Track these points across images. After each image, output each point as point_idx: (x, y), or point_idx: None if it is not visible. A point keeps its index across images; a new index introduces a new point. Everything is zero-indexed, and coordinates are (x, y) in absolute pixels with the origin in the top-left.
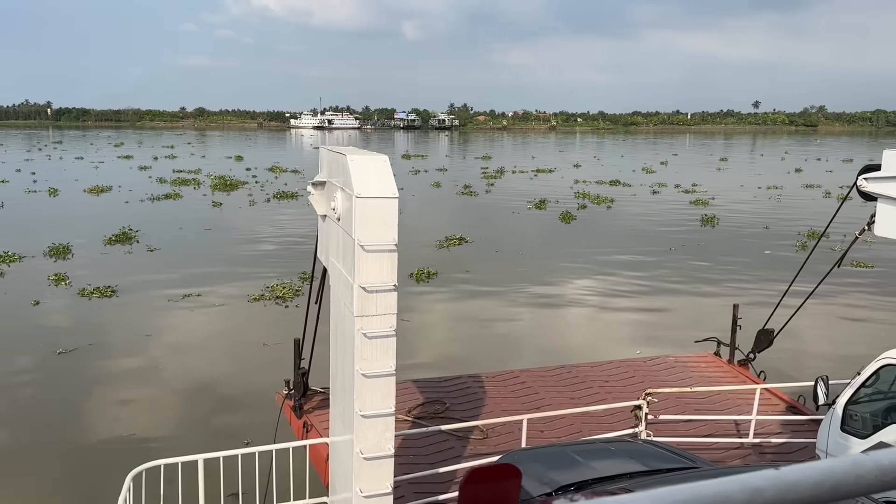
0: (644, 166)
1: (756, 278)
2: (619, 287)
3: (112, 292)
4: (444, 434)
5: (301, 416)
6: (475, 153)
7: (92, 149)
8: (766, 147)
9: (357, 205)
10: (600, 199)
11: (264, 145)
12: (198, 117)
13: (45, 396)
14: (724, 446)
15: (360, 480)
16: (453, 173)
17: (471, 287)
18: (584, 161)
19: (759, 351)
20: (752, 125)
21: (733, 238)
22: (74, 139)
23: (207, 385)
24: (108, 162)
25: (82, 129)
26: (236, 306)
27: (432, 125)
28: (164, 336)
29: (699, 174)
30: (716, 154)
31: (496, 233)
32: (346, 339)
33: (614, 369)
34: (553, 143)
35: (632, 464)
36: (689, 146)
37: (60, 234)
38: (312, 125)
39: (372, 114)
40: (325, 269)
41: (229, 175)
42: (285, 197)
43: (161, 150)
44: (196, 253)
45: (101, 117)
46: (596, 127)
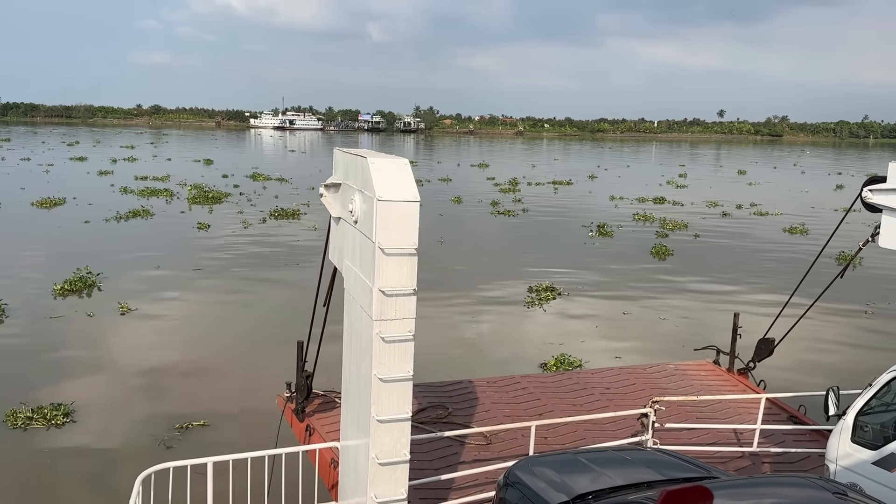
0: (669, 180)
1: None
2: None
3: (63, 419)
4: (448, 439)
5: (303, 419)
6: (464, 160)
7: (43, 147)
8: (759, 157)
9: (378, 208)
10: (675, 225)
11: (230, 146)
12: (153, 115)
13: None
14: (728, 455)
15: (374, 486)
16: (460, 184)
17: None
18: (591, 170)
19: (760, 360)
20: (718, 134)
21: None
22: (23, 136)
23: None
24: (59, 164)
25: (31, 125)
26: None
27: (397, 127)
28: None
29: (739, 189)
30: (725, 166)
31: (588, 279)
32: (362, 343)
33: (615, 376)
34: (536, 149)
35: (648, 472)
36: (685, 155)
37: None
38: (273, 125)
39: (336, 115)
40: (336, 271)
41: (206, 184)
42: (284, 215)
43: (120, 151)
44: (194, 320)
45: (52, 113)
46: (563, 133)
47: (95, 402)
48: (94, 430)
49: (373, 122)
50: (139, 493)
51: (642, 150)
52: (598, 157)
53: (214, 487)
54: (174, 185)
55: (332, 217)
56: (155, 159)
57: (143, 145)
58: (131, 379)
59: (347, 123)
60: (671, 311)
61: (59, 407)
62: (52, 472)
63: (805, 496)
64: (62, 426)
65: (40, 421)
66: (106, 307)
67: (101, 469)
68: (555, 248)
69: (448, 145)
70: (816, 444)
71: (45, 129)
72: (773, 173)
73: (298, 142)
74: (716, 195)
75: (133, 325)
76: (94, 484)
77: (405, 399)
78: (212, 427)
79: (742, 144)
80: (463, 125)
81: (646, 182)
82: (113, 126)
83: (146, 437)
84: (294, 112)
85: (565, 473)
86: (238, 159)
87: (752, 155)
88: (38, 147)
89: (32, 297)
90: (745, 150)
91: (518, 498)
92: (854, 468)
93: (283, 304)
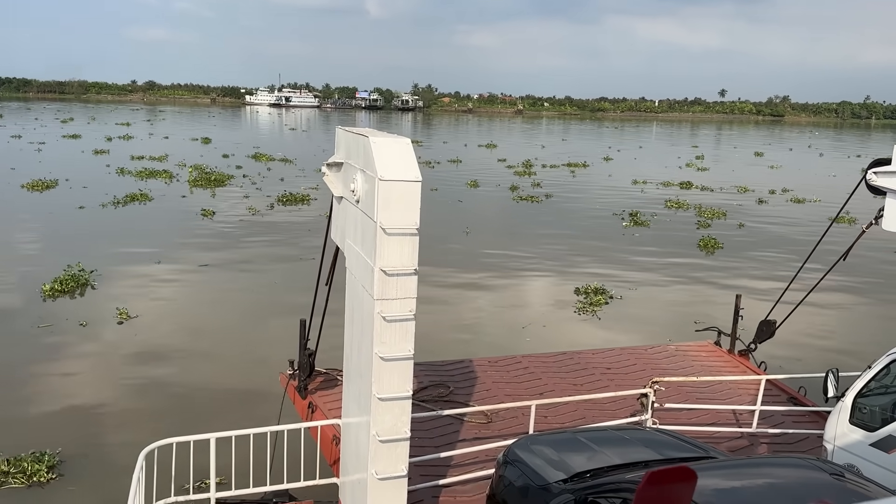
0: (688, 162)
1: None
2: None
3: (48, 474)
4: (449, 417)
5: (306, 396)
6: (470, 140)
7: (35, 124)
8: (768, 138)
9: (380, 187)
10: (712, 213)
11: (228, 124)
12: (148, 91)
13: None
14: (727, 436)
15: (375, 462)
16: (471, 167)
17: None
18: (603, 152)
19: (761, 342)
20: (719, 113)
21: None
22: (16, 112)
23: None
24: (52, 142)
25: (24, 100)
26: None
27: (395, 105)
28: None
29: (762, 173)
30: (739, 147)
31: (637, 277)
32: (363, 322)
33: (616, 357)
34: (538, 128)
35: (646, 452)
36: (693, 136)
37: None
38: (269, 102)
39: (333, 92)
40: (338, 250)
41: (206, 165)
42: (293, 201)
43: (115, 129)
44: (201, 332)
45: (45, 89)
46: (563, 112)
47: (88, 449)
48: (88, 490)
49: (370, 100)
50: (142, 467)
51: (644, 130)
52: (606, 138)
53: (217, 463)
54: (173, 165)
55: (334, 196)
56: (151, 137)
57: (138, 122)
58: (132, 417)
59: (345, 101)
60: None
61: (43, 457)
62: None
63: (802, 477)
64: (46, 484)
65: (18, 477)
66: (102, 313)
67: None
68: (590, 239)
69: (448, 124)
70: (815, 425)
71: (38, 105)
72: (791, 156)
73: (296, 119)
74: (742, 179)
75: (133, 338)
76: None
77: (406, 378)
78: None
79: (744, 125)
80: (462, 103)
81: (664, 164)
82: (107, 102)
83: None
84: (290, 89)
85: (564, 452)
86: (237, 138)
87: (759, 136)
88: (30, 124)
89: (19, 299)
90: (748, 131)
91: (517, 476)
92: (852, 449)
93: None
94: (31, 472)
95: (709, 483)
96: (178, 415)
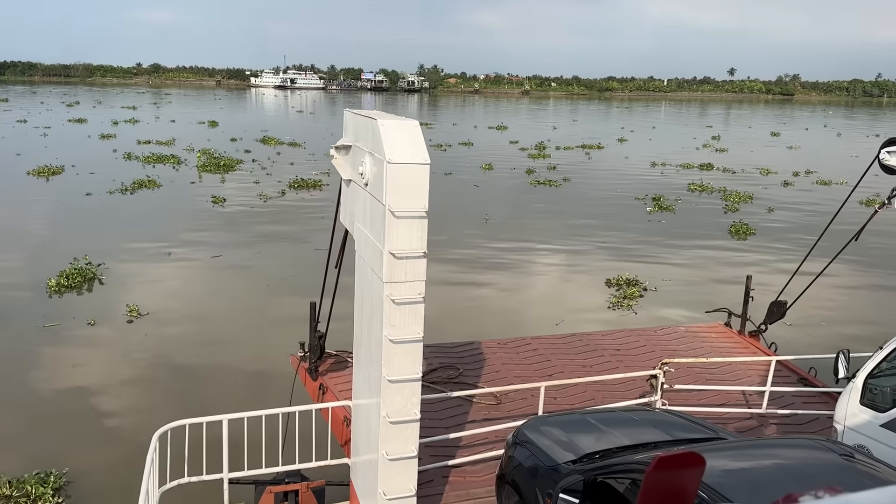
0: (705, 143)
1: None
2: None
3: (54, 498)
4: (459, 399)
5: (317, 378)
6: (479, 121)
7: (41, 108)
8: (781, 117)
9: (388, 170)
10: (738, 197)
11: (234, 107)
12: (153, 74)
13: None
14: (737, 416)
15: (385, 443)
16: (483, 149)
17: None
18: (616, 133)
19: (772, 322)
20: (728, 93)
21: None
22: (21, 96)
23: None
24: (57, 127)
25: (29, 84)
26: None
27: (401, 87)
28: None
29: (781, 153)
30: (754, 126)
31: (670, 267)
32: (373, 305)
33: (625, 338)
34: (546, 108)
35: (655, 433)
36: (708, 115)
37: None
38: (274, 84)
39: (338, 73)
40: (347, 233)
41: (214, 149)
42: (304, 186)
43: (121, 113)
44: (217, 327)
45: (50, 72)
46: (570, 92)
47: (98, 468)
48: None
49: (376, 82)
50: (156, 448)
51: (654, 110)
52: (616, 118)
53: (229, 444)
54: (180, 150)
55: (342, 179)
56: (158, 121)
57: (144, 106)
58: (143, 429)
59: (350, 82)
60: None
61: (48, 478)
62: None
63: (812, 457)
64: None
65: (21, 502)
66: (110, 310)
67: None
68: (614, 226)
69: (455, 105)
70: (825, 406)
71: (43, 89)
72: (808, 136)
73: (302, 101)
74: (762, 161)
75: (144, 341)
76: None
77: (415, 360)
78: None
79: (754, 103)
80: (468, 84)
81: (681, 145)
82: (112, 85)
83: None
84: (295, 70)
85: (573, 433)
86: (244, 121)
87: (771, 115)
88: (35, 108)
89: (24, 295)
90: (759, 110)
91: (526, 456)
92: (862, 430)
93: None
94: (36, 496)
95: (718, 464)
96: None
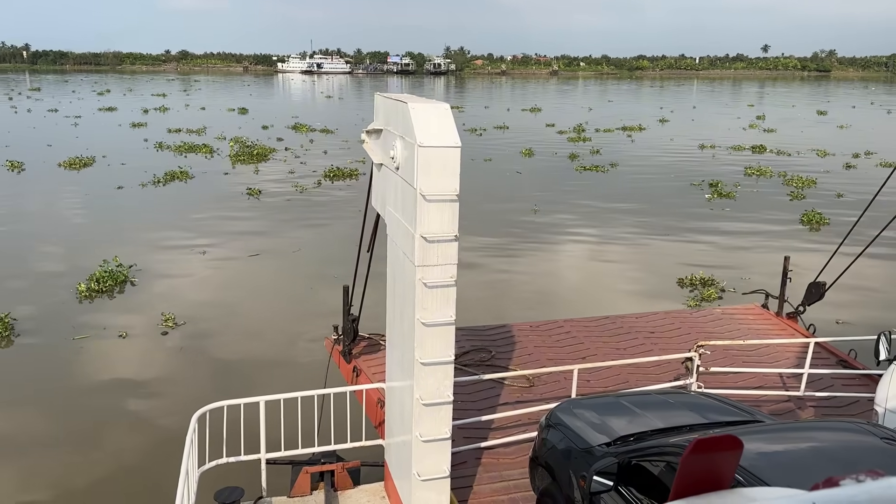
0: (751, 123)
1: None
2: None
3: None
4: (491, 381)
5: (350, 360)
6: (512, 104)
7: (72, 97)
8: (822, 95)
9: (419, 154)
10: (800, 181)
11: (262, 93)
12: (181, 61)
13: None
14: (774, 399)
15: (419, 425)
16: (519, 133)
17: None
18: (654, 113)
19: (810, 304)
20: (762, 70)
21: None
22: (54, 85)
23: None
24: (88, 116)
25: (61, 73)
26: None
27: (427, 70)
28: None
29: (832, 133)
30: (798, 105)
31: (745, 265)
32: (405, 288)
33: (660, 321)
34: (576, 89)
35: (690, 416)
36: (746, 94)
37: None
38: (300, 69)
39: (364, 57)
40: (378, 217)
41: (246, 137)
42: (340, 176)
43: (151, 100)
44: (259, 337)
45: (80, 60)
46: (600, 72)
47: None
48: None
49: (402, 65)
50: (195, 429)
51: (686, 89)
52: (651, 97)
53: (267, 424)
54: (212, 138)
55: (373, 163)
56: (188, 108)
57: (174, 93)
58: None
59: (376, 66)
60: (833, 293)
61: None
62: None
63: (852, 441)
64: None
65: None
66: (144, 319)
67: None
68: (673, 216)
69: (482, 87)
70: (866, 388)
71: (74, 77)
72: (856, 113)
73: (329, 86)
74: (815, 142)
75: (180, 356)
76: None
77: (448, 343)
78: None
79: (789, 81)
80: (495, 66)
81: (726, 126)
82: (142, 73)
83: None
84: (322, 55)
85: (607, 415)
86: (273, 107)
87: (811, 92)
88: (66, 97)
89: (52, 301)
90: (796, 87)
91: (560, 439)
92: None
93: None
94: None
95: (755, 446)
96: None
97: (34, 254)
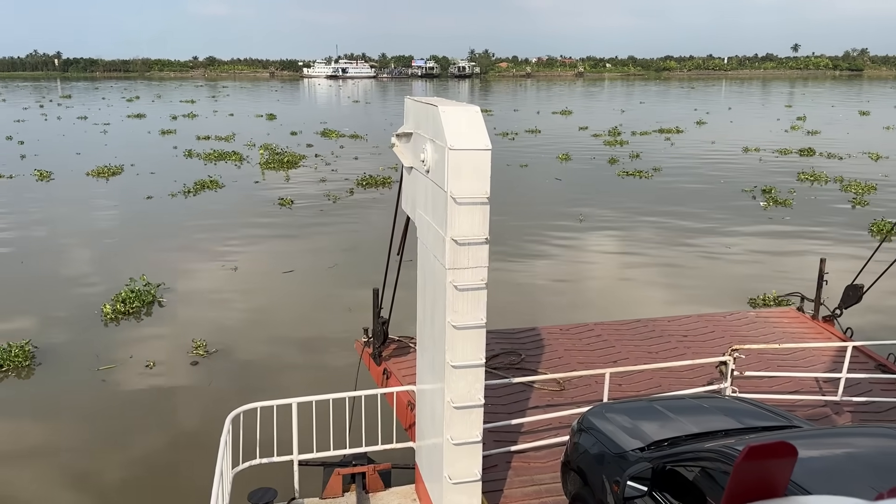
0: (793, 125)
1: None
2: None
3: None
4: (521, 385)
5: (380, 363)
6: (541, 107)
7: (101, 104)
8: (859, 94)
9: (450, 157)
10: (859, 187)
11: (289, 98)
12: (208, 67)
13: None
14: (811, 404)
15: (450, 428)
16: (552, 137)
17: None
18: (689, 114)
19: (847, 307)
20: (792, 70)
21: None
22: (85, 92)
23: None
24: (116, 123)
25: (91, 80)
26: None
27: (451, 73)
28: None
29: (880, 135)
30: (837, 105)
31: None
32: (436, 291)
33: (693, 324)
34: (603, 91)
35: (726, 420)
36: (780, 94)
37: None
38: (326, 74)
39: (388, 61)
40: (409, 220)
41: (275, 144)
42: (373, 183)
43: (179, 107)
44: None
45: (110, 67)
46: (626, 73)
47: None
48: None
49: (426, 68)
50: (229, 430)
51: (715, 90)
52: (683, 99)
53: (299, 426)
54: (241, 145)
55: (404, 166)
56: (216, 115)
57: (202, 99)
58: None
59: (400, 70)
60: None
61: None
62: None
63: (892, 447)
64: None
65: None
66: (173, 346)
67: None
68: (733, 226)
69: (508, 90)
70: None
71: (104, 84)
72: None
73: (354, 91)
74: (865, 144)
75: (213, 394)
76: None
77: (479, 346)
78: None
79: (820, 80)
80: (520, 68)
81: (767, 128)
82: (170, 79)
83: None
84: (347, 60)
85: (640, 420)
86: (301, 113)
87: (847, 92)
88: (96, 103)
89: (77, 325)
90: (829, 87)
91: (592, 443)
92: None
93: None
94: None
95: None
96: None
97: (58, 270)
